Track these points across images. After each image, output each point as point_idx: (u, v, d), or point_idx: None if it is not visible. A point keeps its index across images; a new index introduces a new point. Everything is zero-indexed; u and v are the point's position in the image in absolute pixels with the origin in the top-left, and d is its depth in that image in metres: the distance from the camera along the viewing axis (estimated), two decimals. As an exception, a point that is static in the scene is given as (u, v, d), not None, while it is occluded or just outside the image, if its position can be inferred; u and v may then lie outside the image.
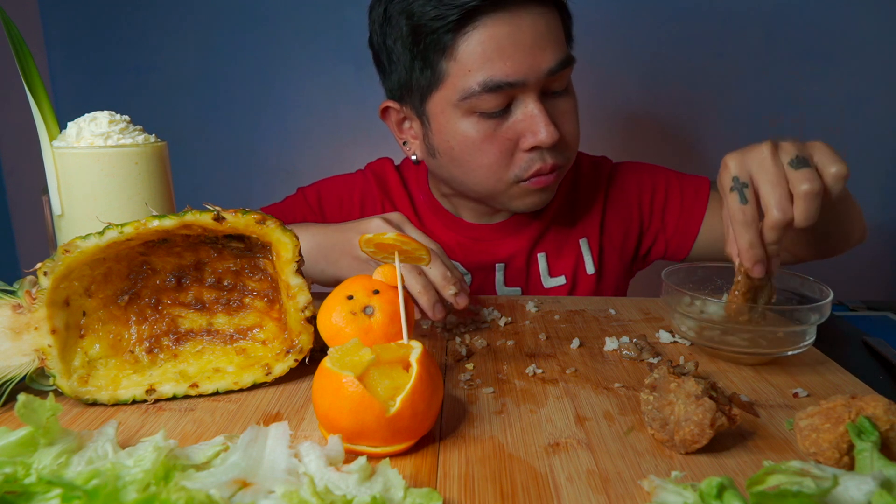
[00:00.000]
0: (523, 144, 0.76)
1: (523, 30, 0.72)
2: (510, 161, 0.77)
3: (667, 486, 0.37)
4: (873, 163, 1.47)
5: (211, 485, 0.35)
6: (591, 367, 0.58)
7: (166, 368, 0.53)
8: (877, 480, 0.34)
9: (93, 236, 0.49)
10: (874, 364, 0.64)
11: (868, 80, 1.42)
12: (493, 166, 0.78)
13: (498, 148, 0.76)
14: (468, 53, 0.73)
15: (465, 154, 0.78)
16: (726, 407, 0.44)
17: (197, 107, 1.56)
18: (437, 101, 0.77)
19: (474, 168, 0.79)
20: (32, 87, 0.58)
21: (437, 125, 0.79)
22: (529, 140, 0.75)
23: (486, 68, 0.72)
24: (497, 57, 0.72)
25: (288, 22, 1.49)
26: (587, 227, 0.92)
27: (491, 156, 0.77)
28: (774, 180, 0.54)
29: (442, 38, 0.73)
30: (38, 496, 0.33)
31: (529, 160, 0.77)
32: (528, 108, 0.75)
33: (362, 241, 0.52)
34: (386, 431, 0.41)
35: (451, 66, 0.74)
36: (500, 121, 0.76)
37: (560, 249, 0.92)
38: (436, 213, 0.93)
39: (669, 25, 1.43)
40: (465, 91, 0.74)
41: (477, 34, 0.72)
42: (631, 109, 1.49)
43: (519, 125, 0.75)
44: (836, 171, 0.54)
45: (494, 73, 0.72)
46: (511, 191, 0.80)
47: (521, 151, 0.77)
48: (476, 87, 0.73)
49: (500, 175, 0.78)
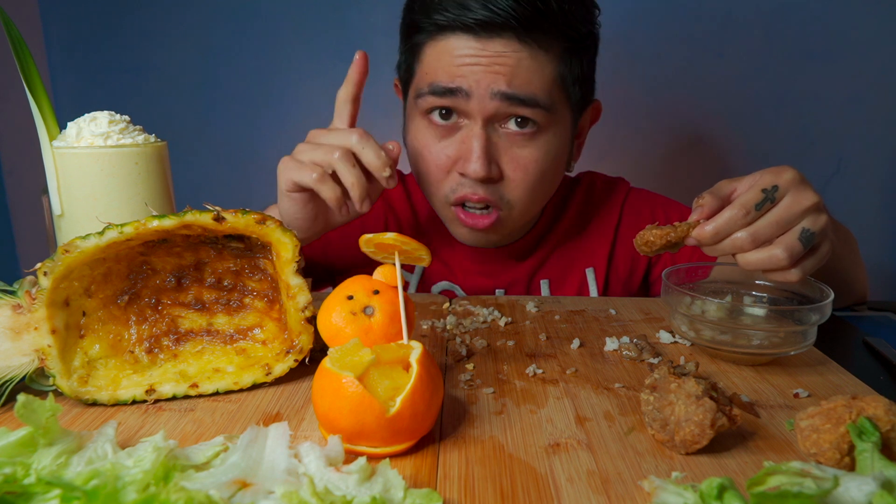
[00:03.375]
0: (456, 167, 0.76)
1: (485, 53, 0.71)
2: (444, 177, 0.78)
3: (667, 487, 0.36)
4: (873, 163, 1.47)
5: (211, 485, 0.35)
6: (592, 368, 0.58)
7: (166, 368, 0.53)
8: (877, 481, 0.34)
9: (93, 236, 0.49)
10: (875, 364, 0.64)
11: (868, 80, 1.42)
12: (431, 175, 0.79)
13: (436, 160, 0.77)
14: (430, 58, 0.75)
15: (416, 156, 0.80)
16: (727, 407, 0.44)
17: (197, 107, 1.56)
18: (409, 95, 0.81)
19: (420, 171, 0.80)
20: (32, 87, 0.57)
21: (407, 115, 0.82)
22: (461, 165, 0.75)
23: (437, 73, 0.74)
24: (450, 66, 0.73)
25: (288, 22, 1.49)
26: (595, 256, 0.90)
27: (431, 164, 0.78)
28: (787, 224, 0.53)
29: (416, 38, 0.77)
30: (38, 496, 0.33)
31: (459, 184, 0.77)
32: (469, 133, 0.75)
33: (362, 241, 0.52)
34: (386, 432, 0.41)
35: (417, 67, 0.78)
36: (446, 134, 0.76)
37: (564, 276, 0.90)
38: (438, 231, 0.91)
39: (669, 25, 1.43)
40: (418, 90, 0.77)
41: (442, 44, 0.74)
42: (632, 110, 1.49)
43: (457, 146, 0.76)
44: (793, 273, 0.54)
45: (439, 79, 0.74)
46: (445, 211, 0.81)
47: (455, 172, 0.77)
48: (426, 88, 0.75)
49: (436, 188, 0.79)
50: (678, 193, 1.02)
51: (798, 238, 0.53)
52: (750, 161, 1.48)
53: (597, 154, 1.49)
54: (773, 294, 0.64)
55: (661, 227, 0.56)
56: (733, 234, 0.53)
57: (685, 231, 0.55)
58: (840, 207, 1.43)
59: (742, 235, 0.53)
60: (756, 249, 0.53)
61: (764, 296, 0.64)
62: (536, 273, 0.90)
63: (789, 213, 0.53)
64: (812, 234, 0.53)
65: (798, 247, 0.53)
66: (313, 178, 0.66)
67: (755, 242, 0.53)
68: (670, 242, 0.55)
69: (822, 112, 1.45)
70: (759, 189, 0.53)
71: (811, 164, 1.47)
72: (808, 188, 0.54)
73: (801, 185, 0.54)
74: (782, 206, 0.53)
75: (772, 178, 0.53)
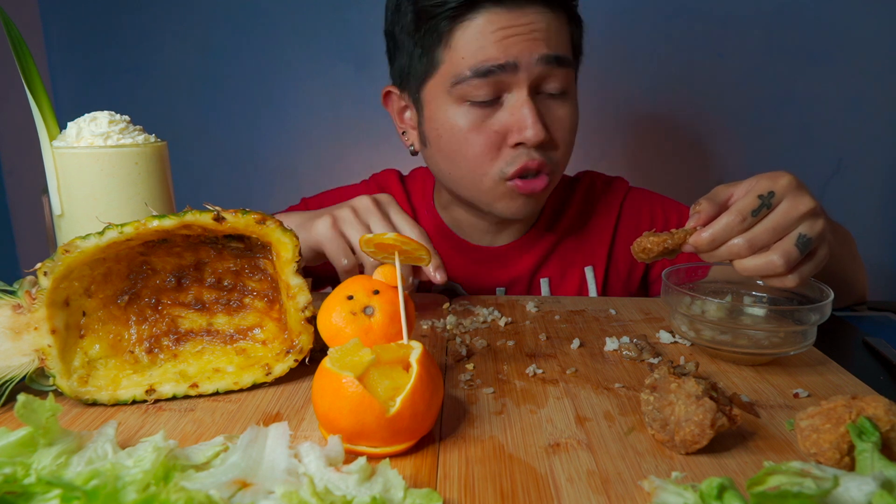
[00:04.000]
0: (510, 140, 0.76)
1: (520, 22, 0.72)
2: (496, 155, 0.77)
3: (667, 487, 0.36)
4: (873, 163, 1.47)
5: (211, 485, 0.35)
6: (592, 368, 0.58)
7: (166, 368, 0.53)
8: (877, 481, 0.34)
9: (93, 236, 0.49)
10: (875, 364, 0.64)
11: (868, 80, 1.42)
12: (478, 158, 0.77)
13: (485, 140, 0.76)
14: (464, 41, 0.74)
15: (453, 144, 0.78)
16: (727, 407, 0.44)
17: (197, 107, 1.56)
18: (430, 88, 0.78)
19: (460, 160, 0.78)
20: (32, 87, 0.57)
21: (429, 112, 0.80)
22: (515, 136, 0.75)
23: (478, 54, 0.73)
24: (490, 44, 0.73)
25: (288, 22, 1.49)
26: (595, 255, 0.91)
27: (477, 147, 0.76)
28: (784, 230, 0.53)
29: (440, 25, 0.75)
30: (38, 496, 0.33)
31: (515, 156, 0.76)
32: (518, 103, 0.74)
33: (362, 241, 0.52)
34: (386, 432, 0.41)
35: (446, 54, 0.75)
36: (490, 112, 0.76)
37: (564, 275, 0.91)
38: (438, 230, 0.92)
39: (669, 25, 1.43)
40: (457, 76, 0.75)
41: (474, 24, 0.73)
42: (631, 109, 1.49)
43: (507, 119, 0.75)
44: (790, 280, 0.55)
45: (486, 59, 0.73)
46: (496, 189, 0.79)
47: (507, 147, 0.76)
48: (468, 72, 0.74)
49: (485, 169, 0.78)
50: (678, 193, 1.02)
51: (795, 244, 0.53)
52: (750, 161, 1.48)
53: (597, 154, 1.49)
54: (772, 294, 0.64)
55: (658, 234, 0.56)
56: (730, 240, 0.53)
57: (682, 238, 0.55)
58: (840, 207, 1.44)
59: (739, 242, 0.53)
60: (753, 255, 0.53)
61: (764, 296, 0.64)
62: (537, 272, 0.90)
63: (786, 219, 0.53)
64: (809, 240, 0.53)
65: (795, 253, 0.53)
66: (344, 266, 0.65)
67: (752, 249, 0.53)
68: (667, 249, 0.55)
69: (822, 112, 1.45)
70: (755, 195, 0.53)
71: (811, 164, 1.47)
72: (804, 193, 0.54)
73: (797, 190, 0.53)
74: (779, 212, 0.53)
75: (768, 184, 0.53)
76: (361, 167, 1.03)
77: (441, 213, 0.92)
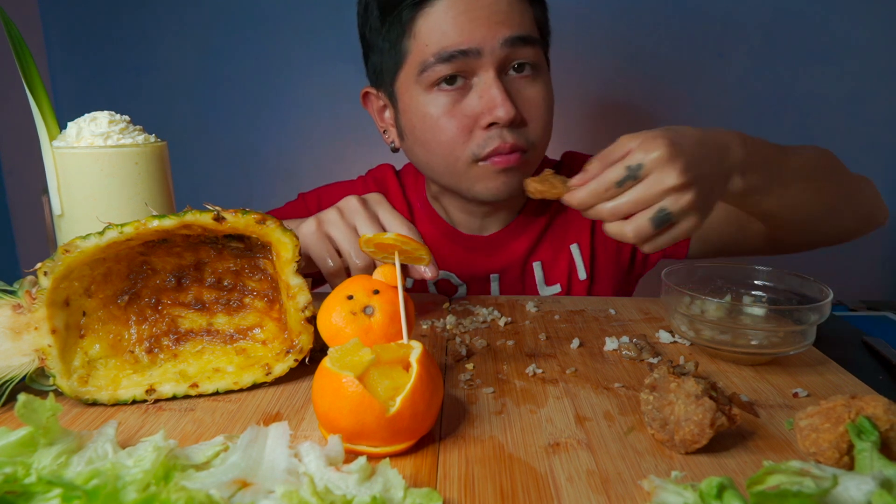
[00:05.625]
0: (481, 121, 0.76)
1: (480, 5, 0.73)
2: (468, 138, 0.77)
3: (667, 487, 0.37)
4: (873, 163, 1.47)
5: (211, 485, 0.35)
6: (591, 367, 0.58)
7: (166, 368, 0.53)
8: (877, 480, 0.34)
9: (93, 236, 0.49)
10: (874, 364, 0.64)
11: (868, 80, 1.42)
12: (451, 143, 0.77)
13: (456, 124, 0.76)
14: (426, 28, 0.74)
15: (427, 132, 0.79)
16: (726, 407, 0.44)
17: (197, 107, 1.56)
18: (402, 80, 0.79)
19: (434, 146, 0.79)
20: (32, 87, 0.58)
21: (403, 105, 0.81)
22: (487, 117, 0.75)
23: (441, 40, 0.74)
24: (451, 29, 0.73)
25: (288, 22, 1.49)
26: (578, 232, 0.92)
27: (449, 132, 0.77)
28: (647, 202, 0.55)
29: (403, 14, 0.76)
30: (38, 496, 0.33)
31: (487, 137, 0.76)
32: (486, 84, 0.75)
33: (362, 241, 0.52)
34: (386, 431, 0.41)
35: (411, 44, 0.76)
36: (459, 96, 0.76)
37: (555, 257, 0.91)
38: (432, 222, 0.92)
39: (669, 25, 1.43)
40: (423, 64, 0.75)
41: (434, 11, 0.74)
42: (631, 109, 1.49)
43: (477, 101, 0.75)
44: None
45: (448, 44, 0.73)
46: (471, 172, 0.79)
47: (479, 129, 0.76)
48: (431, 58, 0.74)
49: (458, 152, 0.78)
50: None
51: (650, 218, 0.55)
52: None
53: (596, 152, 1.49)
54: (772, 294, 0.64)
55: (543, 183, 0.59)
56: (597, 205, 0.56)
57: (561, 192, 0.58)
58: (840, 207, 1.43)
59: (603, 208, 0.56)
60: (615, 222, 0.56)
61: (763, 296, 0.64)
62: (529, 256, 0.91)
63: (649, 193, 0.54)
64: (668, 215, 0.54)
65: (646, 227, 0.55)
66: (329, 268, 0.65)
67: (614, 216, 0.56)
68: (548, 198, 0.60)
69: (822, 112, 1.45)
70: (624, 165, 0.55)
71: (811, 164, 1.47)
72: (674, 168, 0.54)
73: (666, 164, 0.54)
74: (643, 185, 0.55)
75: (642, 155, 0.55)
76: (361, 167, 1.03)
77: (433, 204, 0.93)
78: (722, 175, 0.59)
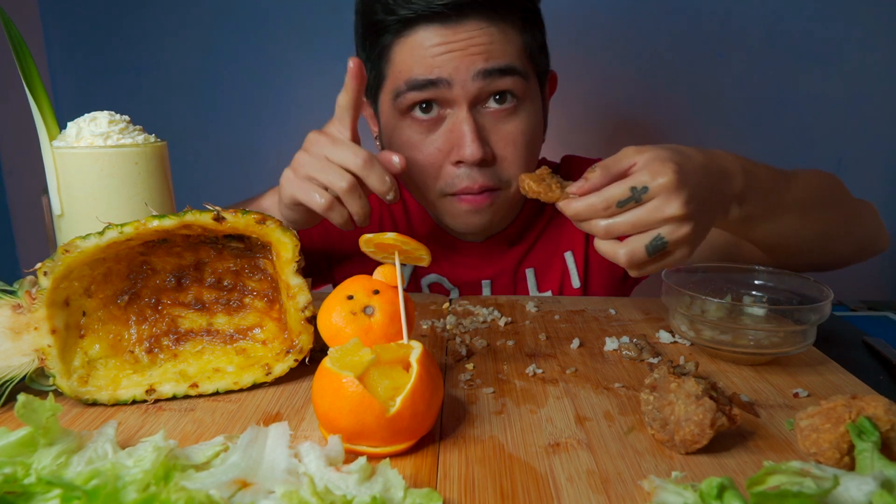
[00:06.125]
0: (451, 157, 0.75)
1: (457, 38, 0.72)
2: (438, 173, 0.77)
3: (667, 487, 0.37)
4: (873, 163, 1.47)
5: (211, 485, 0.35)
6: (592, 367, 0.58)
7: (166, 368, 0.53)
8: (877, 481, 0.34)
9: (93, 236, 0.49)
10: (874, 364, 0.64)
11: (868, 80, 1.42)
12: (422, 175, 0.77)
13: (425, 158, 0.76)
14: (401, 56, 0.74)
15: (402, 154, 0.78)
16: (726, 407, 0.44)
17: (197, 107, 1.56)
18: (382, 100, 0.80)
19: (412, 172, 0.78)
20: (32, 87, 0.58)
21: (383, 122, 0.81)
22: (454, 154, 0.74)
23: (413, 69, 0.73)
24: (422, 60, 0.72)
25: (288, 22, 1.49)
26: (573, 239, 0.90)
27: (420, 162, 0.76)
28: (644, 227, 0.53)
29: (383, 39, 0.75)
30: (38, 496, 0.33)
31: (455, 176, 0.75)
32: (456, 119, 0.74)
33: (362, 241, 0.52)
34: (386, 431, 0.41)
35: (388, 69, 0.76)
36: (431, 129, 0.76)
37: (548, 263, 0.90)
38: (425, 224, 0.92)
39: (669, 25, 1.43)
40: (396, 90, 0.75)
41: (411, 40, 0.73)
42: (630, 110, 1.49)
43: (446, 136, 0.75)
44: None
45: (418, 73, 0.73)
46: (442, 205, 0.79)
47: (448, 164, 0.76)
48: (403, 85, 0.74)
49: (429, 185, 0.78)
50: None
51: (645, 245, 0.53)
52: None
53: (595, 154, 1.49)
54: (772, 294, 0.64)
55: (539, 183, 0.57)
56: (592, 220, 0.54)
57: (556, 198, 0.56)
58: (840, 207, 1.43)
59: (598, 224, 0.54)
60: (608, 240, 0.55)
61: (764, 296, 0.64)
62: (522, 262, 0.91)
63: (648, 219, 0.53)
64: (664, 244, 0.53)
65: (641, 254, 0.53)
66: (320, 203, 0.65)
67: (608, 235, 0.54)
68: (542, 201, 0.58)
69: (822, 112, 1.45)
70: (628, 186, 0.53)
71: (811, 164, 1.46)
72: (678, 197, 0.52)
73: (672, 193, 0.52)
74: (644, 210, 0.53)
75: (648, 178, 0.53)
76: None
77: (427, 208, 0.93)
78: (721, 205, 0.58)
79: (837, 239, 0.77)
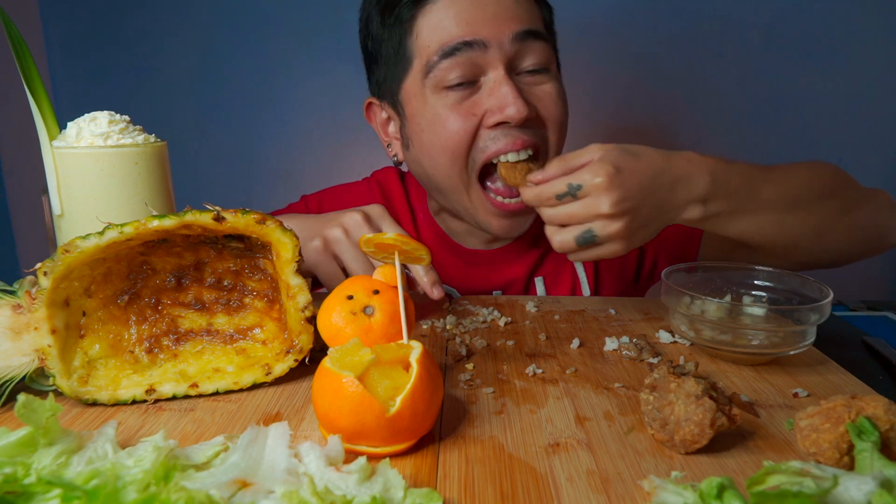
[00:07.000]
0: (488, 120, 0.72)
1: (486, 1, 0.71)
2: (472, 140, 0.73)
3: (667, 487, 0.37)
4: (873, 163, 1.47)
5: (211, 485, 0.35)
6: (591, 367, 0.58)
7: (166, 368, 0.53)
8: (877, 480, 0.34)
9: (93, 236, 0.49)
10: (874, 364, 0.64)
11: (868, 80, 1.42)
12: (455, 145, 0.73)
13: (462, 123, 0.73)
14: (428, 27, 0.72)
15: (433, 136, 0.75)
16: (726, 407, 0.44)
17: (197, 107, 1.56)
18: (408, 87, 0.77)
19: (439, 153, 0.75)
20: (32, 87, 0.58)
21: (410, 111, 0.77)
22: (496, 115, 0.71)
23: (442, 36, 0.71)
24: (453, 23, 0.71)
25: (288, 22, 1.49)
26: None
27: (453, 129, 0.73)
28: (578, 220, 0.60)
29: (403, 14, 0.74)
30: (38, 496, 0.33)
31: (491, 138, 0.73)
32: (495, 82, 0.72)
33: (362, 241, 0.52)
34: (386, 431, 0.41)
35: (414, 46, 0.74)
36: (467, 94, 0.73)
37: (558, 272, 0.90)
38: (433, 232, 0.91)
39: (669, 25, 1.43)
40: (428, 65, 0.73)
41: (436, 7, 0.72)
42: (631, 109, 1.49)
43: (485, 99, 0.72)
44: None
45: (450, 38, 0.71)
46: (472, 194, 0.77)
47: (484, 129, 0.73)
48: (435, 57, 0.72)
49: (461, 154, 0.74)
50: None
51: (575, 236, 0.60)
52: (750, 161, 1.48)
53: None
54: (772, 294, 0.64)
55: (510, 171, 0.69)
56: (539, 207, 0.62)
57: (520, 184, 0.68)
58: (840, 207, 1.43)
59: (542, 212, 0.63)
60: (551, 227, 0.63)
61: (763, 296, 0.64)
62: (532, 273, 0.90)
63: (581, 213, 0.59)
64: (593, 237, 0.60)
65: (570, 244, 0.61)
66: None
67: (550, 222, 0.63)
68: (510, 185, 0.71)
69: (822, 112, 1.45)
70: (566, 182, 0.59)
71: (811, 163, 1.47)
72: (609, 197, 0.58)
73: (603, 192, 0.58)
74: (577, 205, 0.59)
75: (588, 177, 0.58)
76: (361, 167, 1.03)
77: (435, 218, 0.92)
78: (673, 206, 0.62)
79: (834, 232, 0.74)
